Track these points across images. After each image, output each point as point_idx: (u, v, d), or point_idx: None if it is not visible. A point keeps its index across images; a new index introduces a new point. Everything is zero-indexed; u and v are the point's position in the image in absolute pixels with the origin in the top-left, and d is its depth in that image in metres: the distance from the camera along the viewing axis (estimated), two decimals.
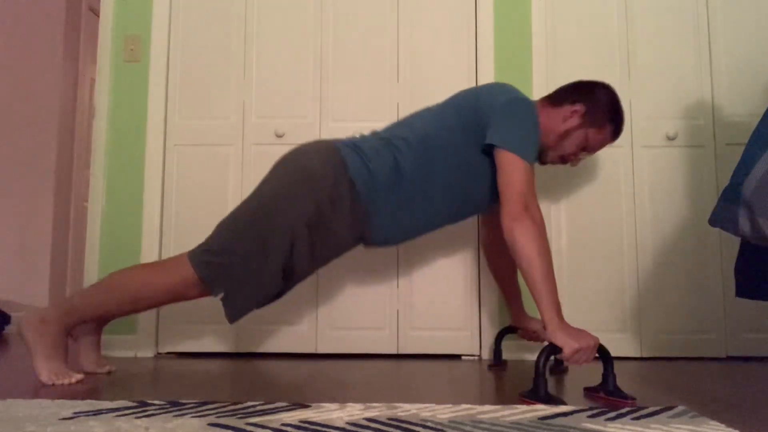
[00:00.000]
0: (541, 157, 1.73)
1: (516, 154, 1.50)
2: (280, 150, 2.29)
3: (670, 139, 2.24)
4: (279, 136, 2.30)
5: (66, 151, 3.65)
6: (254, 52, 2.36)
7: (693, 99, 2.27)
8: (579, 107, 1.64)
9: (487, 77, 2.28)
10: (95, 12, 3.86)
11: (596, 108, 1.64)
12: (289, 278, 1.61)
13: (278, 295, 1.67)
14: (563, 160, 1.72)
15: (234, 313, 1.59)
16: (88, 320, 1.65)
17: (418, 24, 2.35)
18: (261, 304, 1.62)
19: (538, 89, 2.27)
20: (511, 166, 1.49)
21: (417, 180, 1.59)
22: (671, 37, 2.30)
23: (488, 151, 1.59)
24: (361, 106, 2.32)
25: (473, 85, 2.31)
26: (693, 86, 2.28)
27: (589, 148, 1.69)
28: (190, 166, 2.32)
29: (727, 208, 1.47)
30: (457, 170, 1.61)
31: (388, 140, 1.62)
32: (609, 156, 2.25)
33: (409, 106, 2.30)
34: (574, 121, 1.64)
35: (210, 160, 2.32)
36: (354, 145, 1.62)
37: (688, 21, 2.30)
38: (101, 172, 2.31)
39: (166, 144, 2.33)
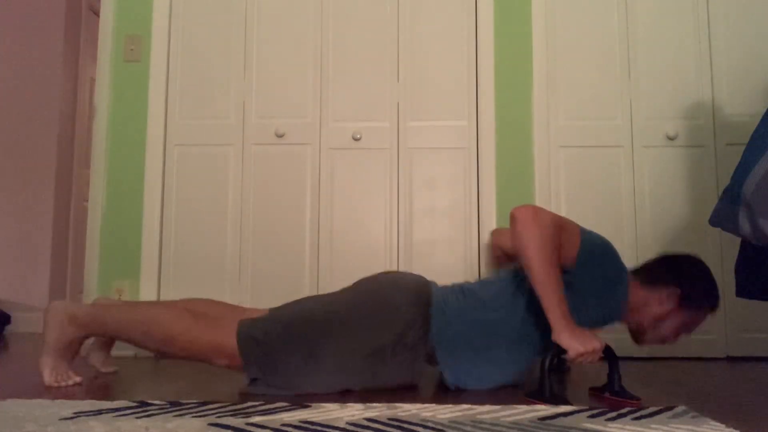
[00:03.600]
0: (639, 340, 1.61)
1: (580, 232, 1.47)
2: (280, 150, 2.30)
3: (671, 139, 2.24)
4: (279, 136, 2.30)
5: (66, 151, 3.65)
6: (254, 52, 2.36)
7: (693, 99, 2.27)
8: (674, 289, 1.52)
9: (487, 77, 2.28)
10: (95, 12, 3.86)
11: (692, 290, 1.52)
12: (323, 390, 1.47)
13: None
14: (662, 341, 1.60)
15: (253, 389, 1.47)
16: (110, 336, 1.63)
17: (418, 24, 2.35)
18: (282, 394, 1.45)
19: (538, 89, 2.27)
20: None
21: (505, 349, 1.50)
22: (671, 37, 2.30)
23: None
24: (361, 106, 2.32)
25: (473, 85, 2.31)
26: (693, 86, 2.28)
27: (690, 328, 1.57)
28: (190, 166, 2.32)
29: (728, 208, 1.47)
30: (542, 326, 1.50)
31: (485, 307, 1.52)
32: (609, 156, 2.25)
33: (409, 106, 2.31)
34: (671, 304, 1.52)
35: (210, 160, 2.32)
36: (447, 304, 1.52)
37: (688, 21, 2.30)
38: (101, 172, 2.31)
39: (166, 144, 2.33)
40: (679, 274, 1.54)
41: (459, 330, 1.49)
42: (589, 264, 1.46)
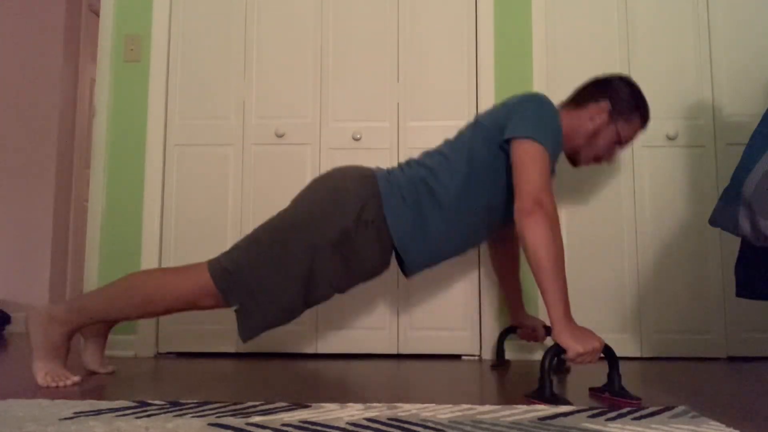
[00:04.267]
0: (575, 161, 1.71)
1: (530, 137, 1.47)
2: (280, 150, 2.30)
3: (671, 139, 2.24)
4: (279, 136, 2.30)
5: (66, 151, 3.65)
6: (254, 52, 2.36)
7: (693, 99, 2.27)
8: (603, 104, 1.63)
9: (487, 77, 2.28)
10: (95, 12, 3.86)
11: (620, 101, 1.63)
12: (308, 299, 1.56)
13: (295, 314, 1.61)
14: (597, 159, 1.70)
15: (248, 331, 1.53)
16: (96, 321, 1.63)
17: (419, 24, 2.35)
18: (277, 323, 1.56)
19: (538, 89, 2.27)
20: (525, 155, 1.47)
21: (452, 209, 1.58)
22: (671, 37, 2.30)
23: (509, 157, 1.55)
24: (361, 106, 2.32)
25: (473, 85, 2.31)
26: (693, 86, 2.28)
27: (622, 141, 1.67)
28: (190, 166, 2.32)
29: (727, 208, 1.47)
30: (490, 189, 1.59)
31: (428, 168, 1.60)
32: None
33: (409, 106, 2.31)
34: (602, 118, 1.63)
35: (210, 160, 2.32)
36: (391, 175, 1.61)
37: (688, 21, 2.30)
38: (101, 172, 2.31)
39: (166, 144, 2.33)
40: (606, 87, 1.65)
41: (404, 194, 1.57)
42: (552, 143, 1.51)
